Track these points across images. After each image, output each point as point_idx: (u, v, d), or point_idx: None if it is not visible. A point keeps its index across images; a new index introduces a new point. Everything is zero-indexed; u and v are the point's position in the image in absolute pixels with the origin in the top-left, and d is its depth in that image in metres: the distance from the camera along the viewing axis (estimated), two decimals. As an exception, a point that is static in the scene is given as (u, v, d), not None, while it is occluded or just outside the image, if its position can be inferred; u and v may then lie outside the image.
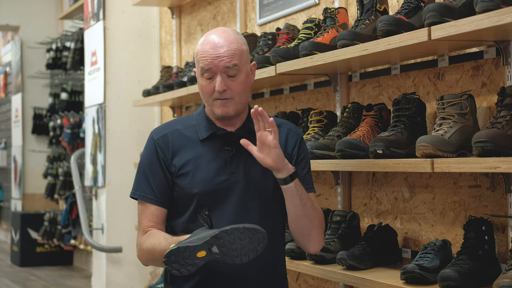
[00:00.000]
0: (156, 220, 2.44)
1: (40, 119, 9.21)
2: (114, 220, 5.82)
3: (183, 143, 2.44)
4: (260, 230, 2.19)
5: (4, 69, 10.55)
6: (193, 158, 2.42)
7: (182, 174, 2.41)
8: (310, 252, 2.53)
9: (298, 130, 2.55)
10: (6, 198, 10.57)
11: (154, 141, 2.46)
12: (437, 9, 2.38)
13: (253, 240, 2.18)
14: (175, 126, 2.49)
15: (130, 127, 5.85)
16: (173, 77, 4.89)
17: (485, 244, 2.52)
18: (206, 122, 2.46)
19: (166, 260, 2.16)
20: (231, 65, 2.35)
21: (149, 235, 2.40)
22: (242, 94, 2.40)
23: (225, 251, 2.16)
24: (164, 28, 5.86)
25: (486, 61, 2.72)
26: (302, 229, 2.41)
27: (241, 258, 2.18)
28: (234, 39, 2.39)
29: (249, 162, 2.41)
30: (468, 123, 2.50)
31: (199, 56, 2.40)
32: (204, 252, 2.15)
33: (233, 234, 2.16)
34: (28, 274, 7.87)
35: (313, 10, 3.81)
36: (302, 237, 2.43)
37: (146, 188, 2.45)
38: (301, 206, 2.36)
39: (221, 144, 2.43)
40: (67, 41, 8.14)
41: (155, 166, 2.44)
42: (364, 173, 3.38)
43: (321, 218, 2.44)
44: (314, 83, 3.75)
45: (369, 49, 2.71)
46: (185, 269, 2.17)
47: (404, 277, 2.57)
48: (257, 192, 2.41)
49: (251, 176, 2.41)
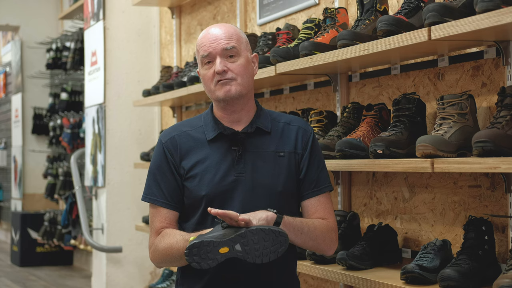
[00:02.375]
0: (169, 222, 2.44)
1: (40, 119, 9.21)
2: (114, 220, 5.82)
3: (191, 144, 2.44)
4: (283, 233, 2.21)
5: (4, 69, 10.55)
6: (201, 160, 2.42)
7: (191, 176, 2.42)
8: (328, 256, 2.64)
9: (308, 127, 2.53)
10: (6, 198, 10.57)
11: (162, 144, 2.47)
12: (437, 9, 2.38)
13: (276, 242, 2.20)
14: (183, 128, 2.50)
15: (130, 127, 5.85)
16: (173, 77, 4.89)
17: (485, 244, 2.52)
18: (213, 122, 2.45)
19: (187, 252, 2.16)
20: (229, 46, 2.38)
21: (163, 235, 2.40)
22: (244, 76, 2.40)
23: (248, 250, 2.18)
24: (164, 28, 5.86)
25: (486, 61, 2.72)
26: (310, 248, 2.46)
27: (262, 258, 2.20)
28: (230, 27, 2.45)
29: (257, 161, 2.41)
30: (468, 123, 2.50)
31: (199, 47, 2.43)
32: (227, 249, 2.17)
33: (258, 235, 2.18)
34: (28, 274, 7.87)
35: (313, 10, 3.81)
36: (315, 251, 2.51)
37: (157, 192, 2.44)
38: (300, 237, 2.37)
39: (228, 144, 2.42)
40: (67, 41, 8.14)
41: (165, 170, 2.44)
42: (364, 173, 3.38)
43: (328, 228, 2.45)
44: (314, 83, 3.75)
45: (369, 49, 2.70)
46: (205, 263, 2.18)
47: (404, 277, 2.57)
48: (265, 192, 2.40)
49: (259, 176, 2.40)
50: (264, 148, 2.43)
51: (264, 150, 2.43)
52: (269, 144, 2.43)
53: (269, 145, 2.43)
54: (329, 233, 2.45)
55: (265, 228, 2.19)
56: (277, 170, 2.39)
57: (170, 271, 5.17)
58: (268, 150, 2.43)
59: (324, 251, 2.48)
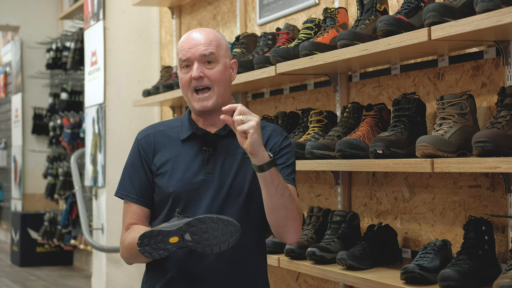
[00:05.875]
0: (138, 218, 2.47)
1: (40, 119, 9.21)
2: (114, 220, 5.82)
3: (165, 142, 2.48)
4: (233, 223, 2.22)
5: (4, 69, 10.55)
6: (172, 158, 2.45)
7: (161, 173, 2.45)
8: (287, 243, 2.50)
9: (283, 132, 2.53)
10: (6, 198, 10.58)
11: (137, 141, 2.53)
12: (437, 9, 2.38)
13: (225, 231, 2.21)
14: (160, 127, 2.55)
15: (130, 127, 5.85)
16: (173, 77, 4.89)
17: (485, 244, 2.52)
18: (189, 123, 2.49)
19: (139, 243, 2.21)
20: (207, 52, 2.40)
21: (130, 230, 2.43)
22: (221, 84, 2.42)
23: (197, 239, 2.20)
24: (164, 28, 5.86)
25: (486, 61, 2.72)
26: (279, 220, 2.35)
27: (211, 248, 2.21)
28: (211, 32, 2.45)
29: (226, 162, 2.43)
30: (468, 123, 2.50)
31: (178, 50, 2.46)
32: (177, 238, 2.20)
33: (206, 223, 2.20)
34: (28, 274, 7.87)
35: (313, 10, 3.81)
36: (279, 228, 2.38)
37: (128, 187, 2.49)
38: (277, 196, 2.30)
39: (200, 144, 2.46)
40: (67, 41, 8.14)
41: (137, 166, 2.49)
42: (364, 173, 3.38)
43: (299, 210, 2.39)
44: (314, 83, 3.75)
45: (369, 49, 2.71)
46: (157, 253, 2.22)
47: (404, 277, 2.57)
48: (232, 192, 2.41)
49: (227, 176, 2.41)
50: (234, 149, 2.44)
51: (233, 152, 2.44)
52: (239, 146, 2.38)
53: (239, 147, 2.39)
54: (300, 217, 2.39)
55: (213, 217, 2.21)
56: (244, 170, 2.41)
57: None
58: (238, 152, 2.44)
59: (288, 232, 2.37)
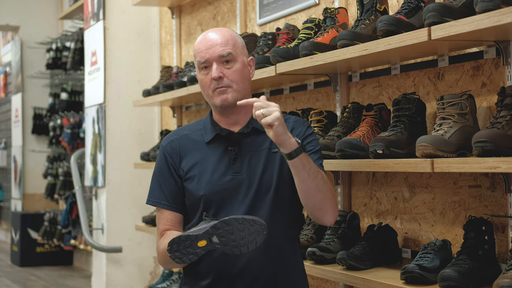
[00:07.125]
0: (172, 224, 2.48)
1: (40, 119, 9.21)
2: (114, 220, 5.82)
3: (190, 147, 2.50)
4: (259, 222, 2.22)
5: (4, 69, 10.55)
6: (199, 161, 2.46)
7: (189, 177, 2.46)
8: (326, 225, 2.49)
9: (304, 122, 2.55)
10: (6, 198, 10.58)
11: (163, 148, 2.54)
12: (437, 9, 2.38)
13: (252, 231, 2.21)
14: (183, 131, 2.56)
15: (130, 127, 5.86)
16: (173, 77, 4.89)
17: (485, 244, 2.52)
18: (211, 125, 2.50)
19: (169, 249, 2.22)
20: (225, 53, 2.41)
21: (164, 237, 2.44)
22: (240, 82, 2.44)
23: (225, 241, 2.21)
24: (164, 28, 5.86)
25: (486, 61, 2.72)
26: (315, 203, 2.36)
27: (239, 248, 2.22)
28: (227, 32, 2.47)
29: (252, 160, 2.44)
30: (468, 123, 2.50)
31: (196, 52, 2.47)
32: (205, 242, 2.21)
33: (232, 225, 2.20)
34: (28, 274, 7.87)
35: (313, 10, 3.81)
36: (316, 211, 2.39)
37: (159, 194, 2.50)
38: (310, 180, 2.31)
39: (225, 145, 2.46)
40: (67, 41, 8.14)
41: (166, 172, 2.50)
42: (364, 173, 3.38)
43: (332, 192, 2.42)
44: (314, 83, 3.75)
45: (369, 49, 2.71)
46: (187, 258, 2.23)
47: (404, 277, 2.57)
48: (261, 189, 2.42)
49: (255, 173, 2.42)
50: (259, 146, 2.46)
51: (258, 149, 2.46)
52: (264, 142, 2.45)
53: (264, 143, 2.45)
54: (334, 198, 2.42)
55: (238, 217, 2.21)
56: (271, 166, 2.42)
57: (170, 271, 5.17)
58: (263, 148, 2.46)
59: (327, 214, 2.39)
